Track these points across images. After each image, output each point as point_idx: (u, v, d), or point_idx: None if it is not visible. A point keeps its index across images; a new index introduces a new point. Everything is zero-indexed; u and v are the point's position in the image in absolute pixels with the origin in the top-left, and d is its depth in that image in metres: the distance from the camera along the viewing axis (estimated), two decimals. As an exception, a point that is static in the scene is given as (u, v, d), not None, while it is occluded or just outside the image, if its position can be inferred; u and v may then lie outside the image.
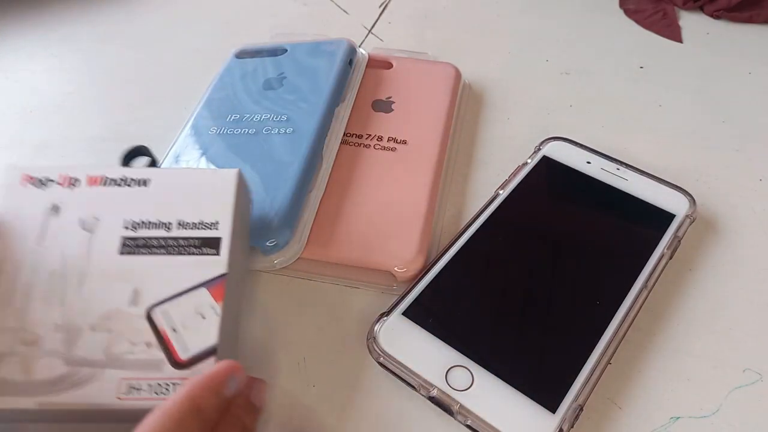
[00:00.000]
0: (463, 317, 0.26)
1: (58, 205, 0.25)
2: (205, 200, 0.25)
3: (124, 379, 0.22)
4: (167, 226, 0.25)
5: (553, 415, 0.23)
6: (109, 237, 0.25)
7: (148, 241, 0.24)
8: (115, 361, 0.22)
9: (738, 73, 0.41)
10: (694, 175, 0.34)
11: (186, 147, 0.33)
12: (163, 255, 0.24)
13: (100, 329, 0.23)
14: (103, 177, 0.26)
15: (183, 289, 0.23)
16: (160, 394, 0.22)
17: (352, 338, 0.27)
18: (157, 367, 0.22)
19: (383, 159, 0.33)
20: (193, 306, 0.23)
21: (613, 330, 0.25)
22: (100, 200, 0.25)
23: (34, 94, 0.41)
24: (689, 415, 0.25)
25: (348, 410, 0.25)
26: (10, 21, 0.48)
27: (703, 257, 0.30)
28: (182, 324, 0.23)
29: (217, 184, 0.26)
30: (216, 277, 0.24)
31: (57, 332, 0.23)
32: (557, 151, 0.33)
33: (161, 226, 0.25)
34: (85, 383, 0.22)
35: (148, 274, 0.24)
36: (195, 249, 0.24)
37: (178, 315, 0.23)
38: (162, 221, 0.25)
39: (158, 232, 0.25)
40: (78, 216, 0.25)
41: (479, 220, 0.30)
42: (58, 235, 0.25)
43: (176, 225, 0.25)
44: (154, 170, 0.26)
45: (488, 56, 0.43)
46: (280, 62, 0.38)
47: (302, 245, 0.29)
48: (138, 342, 0.22)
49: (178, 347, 0.22)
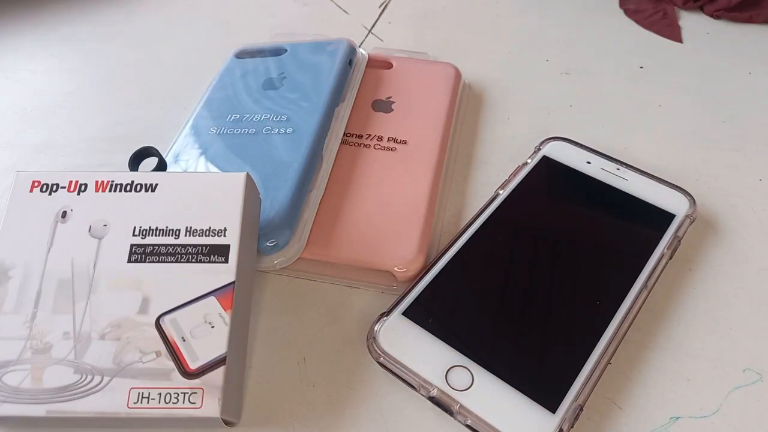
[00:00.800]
0: (463, 317, 0.26)
1: (66, 211, 0.25)
2: (214, 206, 0.25)
3: (133, 389, 0.22)
4: (175, 233, 0.25)
5: (553, 415, 0.23)
6: (118, 244, 0.25)
7: (157, 249, 0.24)
8: (124, 370, 0.22)
9: (738, 73, 0.41)
10: (694, 175, 0.34)
11: (186, 147, 0.33)
12: (171, 263, 0.24)
13: (110, 337, 0.23)
14: (111, 182, 0.26)
15: (191, 297, 0.23)
16: (170, 403, 0.22)
17: (352, 338, 0.27)
18: (167, 376, 0.22)
19: (383, 159, 0.33)
20: (202, 315, 0.23)
21: (613, 330, 0.25)
22: (108, 206, 0.25)
23: (34, 94, 0.41)
24: (689, 415, 0.25)
25: (348, 410, 0.25)
26: (10, 21, 0.48)
27: (703, 257, 0.30)
28: (191, 333, 0.23)
29: (225, 189, 0.26)
30: (224, 285, 0.24)
31: (67, 340, 0.23)
32: (557, 151, 0.33)
33: (169, 233, 0.25)
34: (95, 392, 0.22)
35: (157, 282, 0.24)
36: (203, 256, 0.24)
37: (187, 324, 0.23)
38: (170, 228, 0.25)
39: (166, 239, 0.25)
40: (86, 222, 0.25)
41: (479, 220, 0.30)
42: (67, 242, 0.25)
43: (184, 232, 0.25)
44: (162, 175, 0.26)
45: (488, 56, 0.43)
46: (280, 62, 0.38)
47: (302, 245, 0.29)
48: (147, 351, 0.23)
49: (188, 356, 0.22)
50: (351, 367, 0.26)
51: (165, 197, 0.25)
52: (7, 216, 0.25)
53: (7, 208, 0.25)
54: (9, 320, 0.23)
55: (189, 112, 0.36)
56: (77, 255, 0.24)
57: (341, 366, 0.26)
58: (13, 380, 0.22)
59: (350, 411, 0.25)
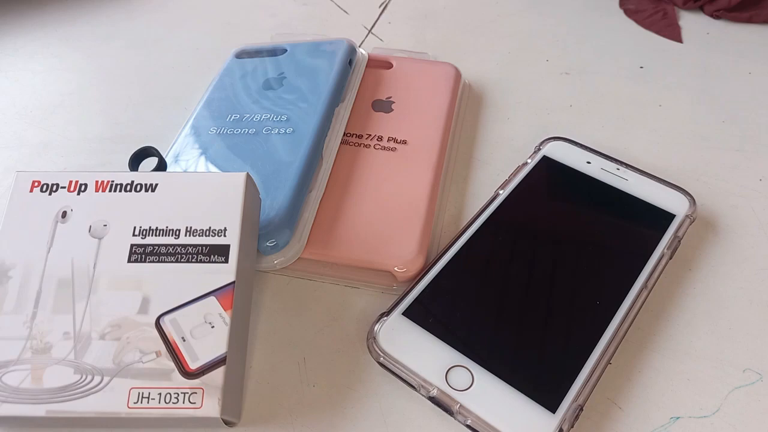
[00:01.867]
0: (463, 317, 0.26)
1: (67, 211, 0.25)
2: (214, 206, 0.25)
3: (133, 388, 0.22)
4: (176, 233, 0.25)
5: (553, 415, 0.23)
6: (118, 244, 0.25)
7: (157, 249, 0.24)
8: (124, 370, 0.22)
9: (738, 73, 0.41)
10: (694, 175, 0.34)
11: (186, 147, 0.33)
12: (171, 263, 0.24)
13: (110, 337, 0.23)
14: (111, 182, 0.26)
15: (192, 297, 0.23)
16: (170, 403, 0.22)
17: (352, 338, 0.27)
18: (167, 376, 0.22)
19: (383, 159, 0.33)
20: (202, 315, 0.23)
21: (613, 330, 0.25)
22: (108, 206, 0.25)
23: (34, 94, 0.41)
24: (689, 415, 0.25)
25: (348, 410, 0.25)
26: (10, 21, 0.48)
27: (703, 257, 0.30)
28: (191, 333, 0.23)
29: (225, 189, 0.26)
30: (224, 285, 0.24)
31: (67, 340, 0.23)
32: (557, 151, 0.33)
33: (170, 233, 0.25)
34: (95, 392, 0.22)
35: (157, 282, 0.24)
36: (203, 256, 0.24)
37: (186, 324, 0.23)
38: (170, 228, 0.25)
39: (167, 239, 0.25)
40: (86, 222, 0.25)
41: (479, 220, 0.30)
42: (67, 242, 0.25)
43: (184, 232, 0.25)
44: (162, 175, 0.26)
45: (488, 56, 0.43)
46: (280, 62, 0.38)
47: (302, 245, 0.29)
48: (147, 351, 0.23)
49: (188, 356, 0.22)
50: (351, 367, 0.26)
51: (165, 197, 0.25)
52: (7, 216, 0.25)
53: (7, 208, 0.25)
54: (9, 320, 0.23)
55: (189, 112, 0.36)
56: (77, 255, 0.24)
57: (341, 366, 0.26)
58: (13, 380, 0.22)
59: (350, 411, 0.25)
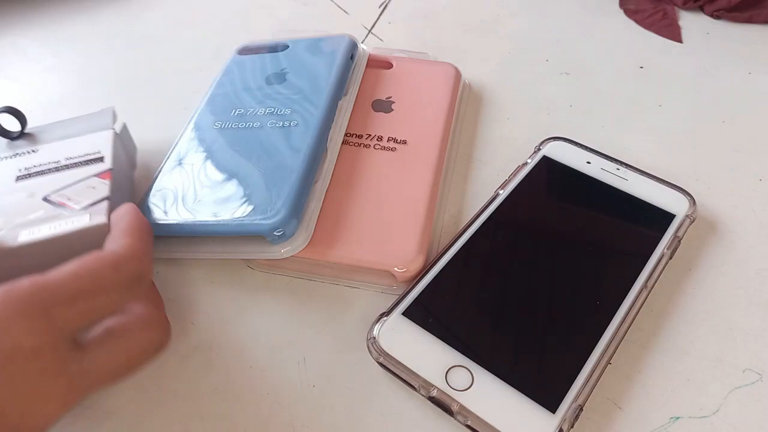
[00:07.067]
0: (463, 317, 0.26)
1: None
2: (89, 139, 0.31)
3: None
4: (56, 162, 0.30)
5: (553, 415, 0.23)
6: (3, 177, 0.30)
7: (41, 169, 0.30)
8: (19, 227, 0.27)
9: (738, 73, 0.41)
10: (695, 175, 0.34)
11: (190, 143, 0.33)
12: (55, 173, 0.29)
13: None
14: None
15: (74, 181, 0.29)
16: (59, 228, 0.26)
17: (352, 338, 0.27)
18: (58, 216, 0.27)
19: (383, 159, 0.33)
20: (85, 185, 0.28)
21: (613, 330, 0.25)
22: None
23: (34, 94, 0.41)
24: (689, 415, 0.25)
25: (348, 410, 0.25)
26: (10, 21, 0.48)
27: (703, 257, 0.30)
28: (76, 194, 0.28)
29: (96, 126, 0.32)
30: (102, 171, 0.29)
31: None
32: (557, 151, 0.33)
33: (50, 164, 0.30)
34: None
35: (44, 183, 0.29)
36: (82, 164, 0.30)
37: (72, 193, 0.28)
38: (51, 161, 0.30)
39: (48, 167, 0.30)
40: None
41: (479, 220, 0.30)
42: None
43: (64, 160, 0.30)
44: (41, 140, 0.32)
45: (488, 56, 0.43)
46: (283, 58, 0.38)
47: (309, 235, 0.29)
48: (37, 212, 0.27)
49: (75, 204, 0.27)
50: (351, 367, 0.26)
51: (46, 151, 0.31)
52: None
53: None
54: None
55: (189, 112, 0.36)
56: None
57: (341, 366, 0.26)
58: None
59: (350, 411, 0.25)
